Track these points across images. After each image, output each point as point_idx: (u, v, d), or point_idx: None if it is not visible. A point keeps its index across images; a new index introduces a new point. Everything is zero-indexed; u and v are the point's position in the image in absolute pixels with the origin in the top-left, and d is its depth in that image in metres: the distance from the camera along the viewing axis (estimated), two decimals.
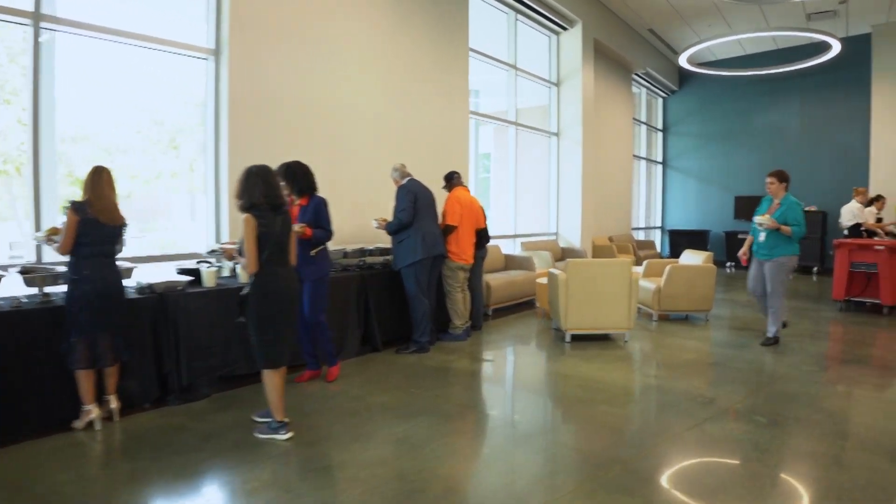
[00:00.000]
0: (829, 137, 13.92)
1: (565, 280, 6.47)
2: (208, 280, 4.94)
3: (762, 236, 6.32)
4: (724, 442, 3.92)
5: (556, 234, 11.74)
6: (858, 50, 12.91)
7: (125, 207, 4.17)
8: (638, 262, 12.00)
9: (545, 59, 11.59)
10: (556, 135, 11.65)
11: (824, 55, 11.65)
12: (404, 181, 6.26)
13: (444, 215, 6.59)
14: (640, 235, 15.89)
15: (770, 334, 6.45)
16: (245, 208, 3.77)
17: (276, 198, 3.88)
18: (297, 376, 5.07)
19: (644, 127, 16.08)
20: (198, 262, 5.18)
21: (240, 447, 3.75)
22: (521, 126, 10.82)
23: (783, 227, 6.10)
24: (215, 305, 4.78)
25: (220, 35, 5.92)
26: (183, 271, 5.07)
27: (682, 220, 16.38)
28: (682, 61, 12.46)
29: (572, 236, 11.52)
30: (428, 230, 6.20)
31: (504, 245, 10.00)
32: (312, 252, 4.92)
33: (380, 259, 6.60)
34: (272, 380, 3.86)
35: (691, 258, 8.29)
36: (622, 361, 5.94)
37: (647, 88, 15.97)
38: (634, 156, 15.17)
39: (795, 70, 13.60)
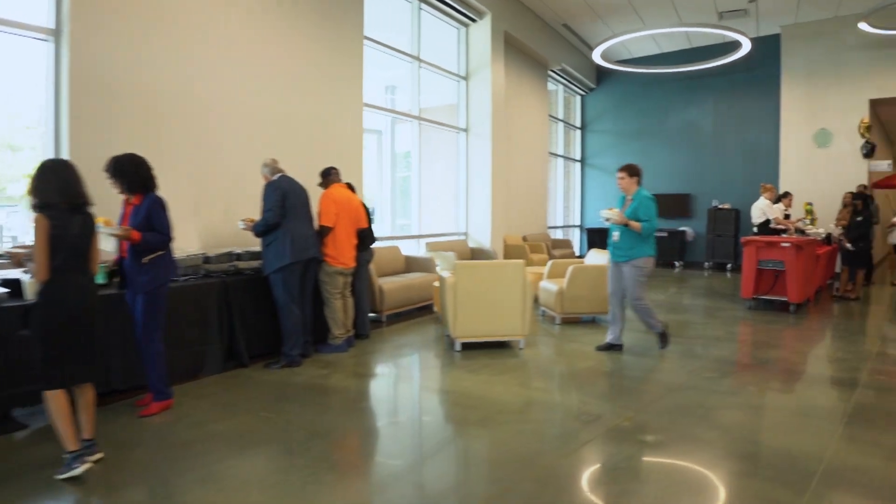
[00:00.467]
0: (741, 136, 13.89)
1: (453, 284, 5.84)
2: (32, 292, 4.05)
3: (616, 235, 5.86)
4: (602, 473, 3.33)
5: (465, 233, 11.15)
6: (769, 50, 12.88)
7: None
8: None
9: (454, 53, 11.01)
10: (465, 131, 11.06)
11: (735, 53, 11.50)
12: (274, 177, 5.50)
13: (318, 215, 5.86)
14: (559, 234, 15.54)
15: (657, 330, 5.97)
16: (37, 208, 3.26)
17: (76, 196, 3.37)
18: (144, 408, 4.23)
19: (561, 124, 15.74)
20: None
21: (36, 490, 3.03)
22: (426, 121, 10.17)
23: (632, 223, 5.67)
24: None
25: (60, 12, 5.02)
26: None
27: (601, 219, 16.09)
28: (596, 57, 12.08)
29: (482, 236, 10.95)
30: (298, 232, 5.46)
31: (408, 246, 9.33)
32: (145, 259, 4.11)
33: (254, 264, 5.79)
34: (56, 403, 3.17)
35: (597, 257, 7.80)
36: (511, 373, 5.31)
37: (565, 85, 15.63)
38: (551, 153, 14.79)
39: (709, 69, 13.47)
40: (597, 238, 15.39)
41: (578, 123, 16.54)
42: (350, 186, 6.34)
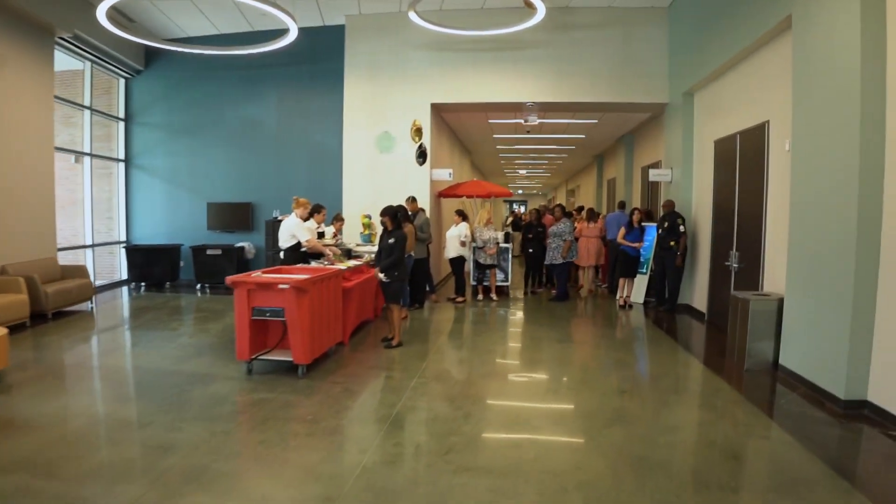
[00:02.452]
0: (307, 137, 11.81)
1: None
2: None
3: None
4: None
5: None
6: (335, 42, 11.04)
7: None
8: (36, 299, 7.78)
9: None
10: None
11: (284, 39, 9.14)
12: None
13: None
14: (88, 256, 11.49)
15: None
16: None
17: None
18: None
19: (89, 113, 11.67)
20: None
21: None
22: None
23: None
24: None
25: None
26: None
27: (151, 234, 12.54)
28: (101, 16, 8.49)
29: None
30: None
31: None
32: None
33: None
34: None
35: None
36: None
37: (98, 63, 11.63)
38: (61, 149, 10.63)
39: (274, 59, 11.07)
40: (140, 259, 11.79)
41: (122, 114, 12.67)
42: None
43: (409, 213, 9.45)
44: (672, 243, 9.32)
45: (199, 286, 11.65)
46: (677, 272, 9.43)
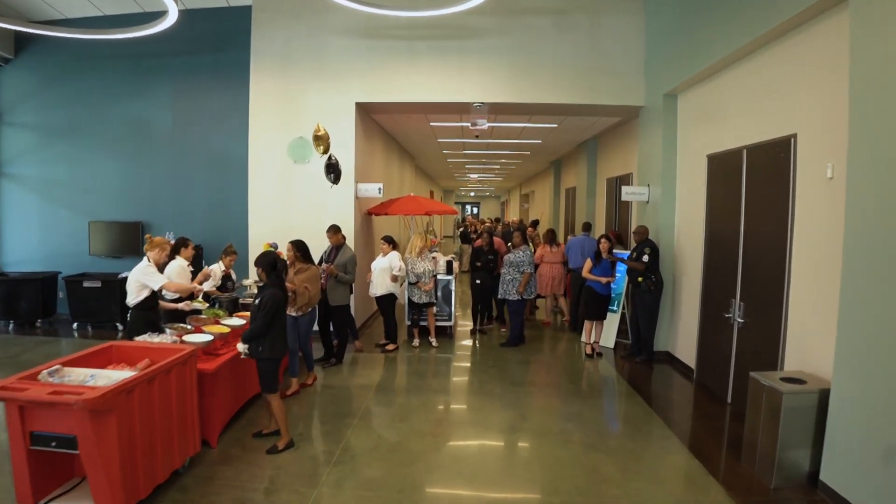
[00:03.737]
0: (207, 142, 9.48)
1: None
2: None
3: None
4: None
5: None
6: (242, 26, 8.78)
7: None
8: None
9: None
10: None
11: (163, 21, 6.87)
12: None
13: None
14: None
15: None
16: None
17: None
18: None
19: None
20: None
21: None
22: None
23: None
24: None
25: None
26: None
27: (22, 259, 10.06)
28: None
29: None
30: None
31: None
32: None
33: None
34: None
35: None
36: None
37: None
38: None
39: (164, 46, 8.93)
40: (5, 290, 9.35)
41: None
42: None
43: (331, 247, 7.31)
44: (640, 279, 7.43)
45: (75, 325, 9.28)
46: (651, 315, 7.54)
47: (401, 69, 8.45)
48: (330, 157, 8.13)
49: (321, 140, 7.87)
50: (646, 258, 7.32)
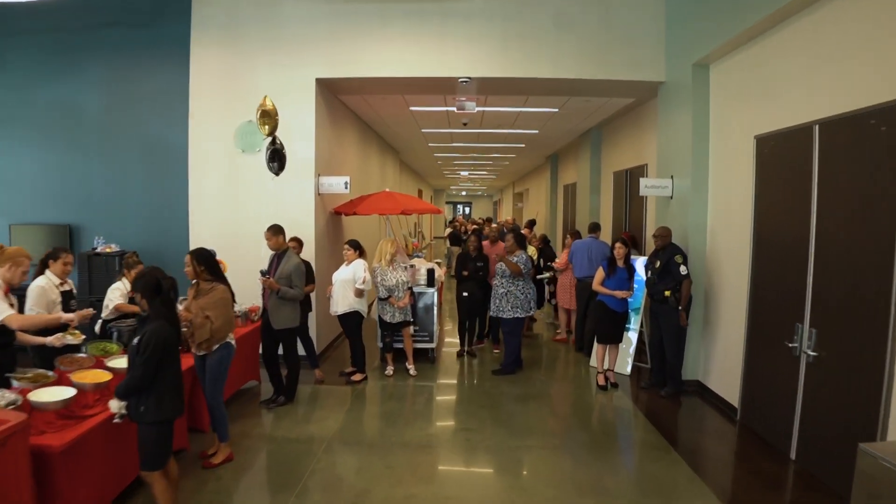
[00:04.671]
0: (143, 129, 7.87)
1: None
2: None
3: None
4: None
5: None
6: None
7: None
8: None
9: None
10: None
11: None
12: None
13: None
14: None
15: None
16: None
17: None
18: None
19: None
20: None
21: None
22: None
23: None
24: None
25: None
26: None
27: None
28: None
29: None
30: None
31: None
32: None
33: None
34: None
35: None
36: None
37: None
38: None
39: (92, 17, 7.56)
40: None
41: None
42: None
43: (273, 254, 5.74)
44: (667, 293, 5.92)
45: None
46: (678, 337, 6.04)
47: (371, 38, 6.90)
48: (274, 140, 6.55)
49: (268, 117, 6.26)
50: (684, 269, 5.82)
